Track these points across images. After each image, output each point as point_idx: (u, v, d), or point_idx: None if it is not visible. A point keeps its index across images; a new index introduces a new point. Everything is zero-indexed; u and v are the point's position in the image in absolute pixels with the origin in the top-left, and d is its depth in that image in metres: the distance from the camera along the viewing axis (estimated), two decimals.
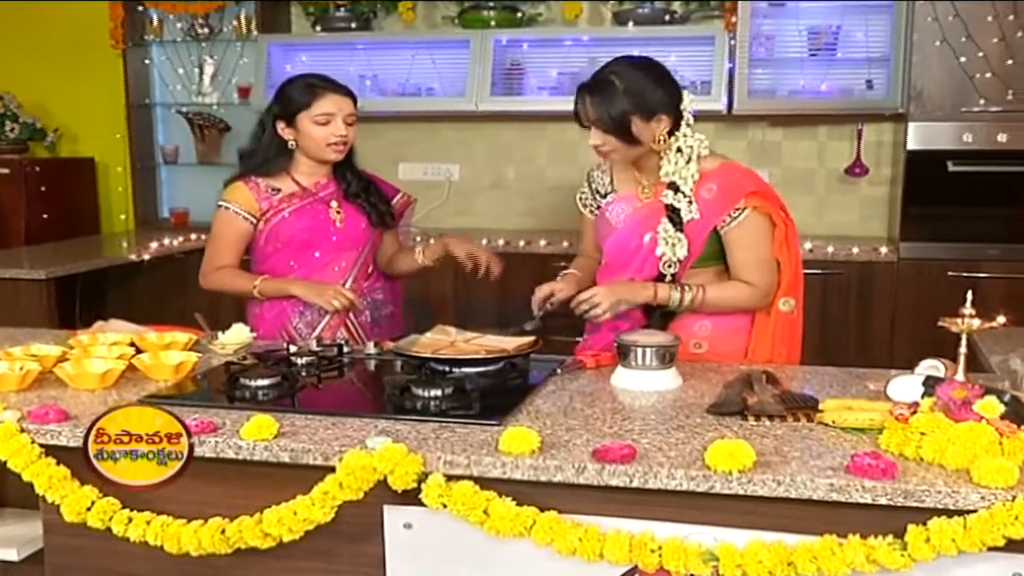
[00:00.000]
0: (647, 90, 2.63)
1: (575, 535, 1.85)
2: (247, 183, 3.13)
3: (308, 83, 3.08)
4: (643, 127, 2.64)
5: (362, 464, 1.89)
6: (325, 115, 3.03)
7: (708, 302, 2.70)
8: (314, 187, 3.15)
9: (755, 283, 2.70)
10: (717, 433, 2.03)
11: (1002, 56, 4.57)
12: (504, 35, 5.34)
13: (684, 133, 2.68)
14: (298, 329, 3.12)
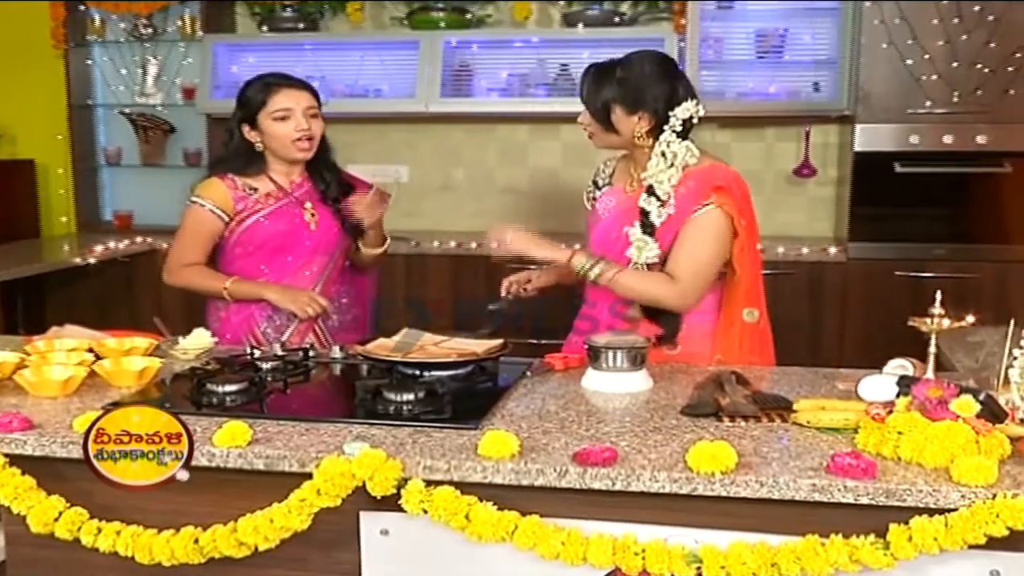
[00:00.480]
0: (642, 85, 2.65)
1: (558, 539, 1.84)
2: (224, 180, 3.07)
3: (264, 82, 3.05)
4: (623, 118, 2.66)
5: (340, 471, 1.86)
6: (282, 110, 2.99)
7: (619, 282, 2.66)
8: (289, 186, 3.10)
9: (680, 279, 2.65)
10: (694, 435, 2.03)
11: (947, 58, 4.65)
12: (454, 36, 5.32)
13: (668, 139, 2.66)
14: (266, 333, 3.06)
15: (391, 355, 2.43)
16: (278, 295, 3.01)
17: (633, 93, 2.63)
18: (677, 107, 2.66)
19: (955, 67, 4.65)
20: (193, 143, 5.68)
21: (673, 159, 2.65)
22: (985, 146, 4.65)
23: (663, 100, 2.65)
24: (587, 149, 5.55)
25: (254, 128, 3.02)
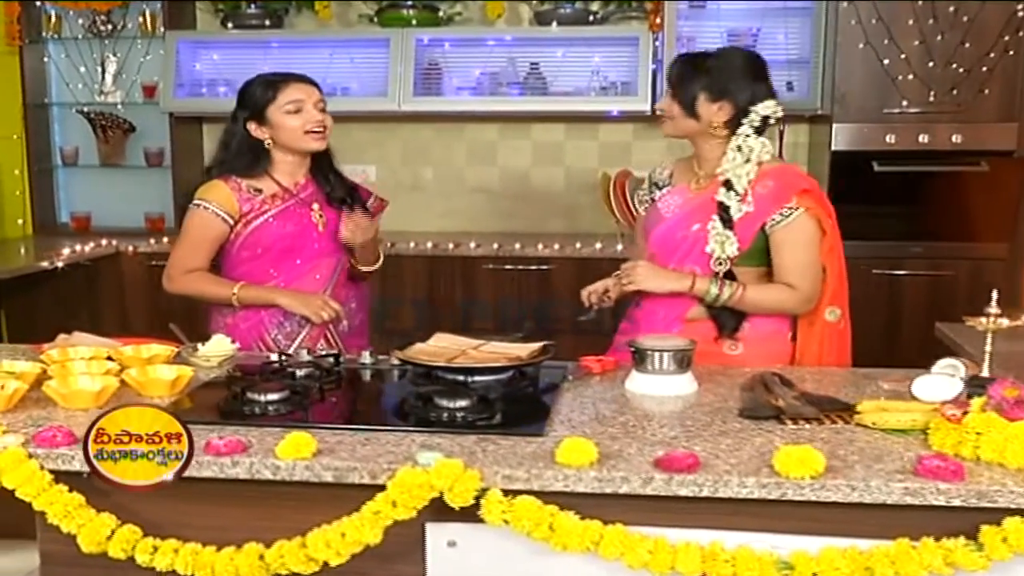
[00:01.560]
0: (729, 76, 2.67)
1: (645, 548, 1.79)
2: (227, 182, 2.97)
3: (267, 79, 2.99)
4: (705, 104, 2.67)
5: (418, 482, 1.79)
6: (294, 102, 2.92)
7: (747, 301, 2.67)
8: (294, 187, 3.01)
9: (798, 287, 2.68)
10: (764, 439, 2.00)
11: (923, 58, 4.71)
12: (426, 34, 5.24)
13: (746, 133, 2.67)
14: (276, 340, 2.97)
15: (434, 360, 2.36)
16: (290, 300, 2.92)
17: (720, 82, 2.65)
18: (759, 104, 2.67)
19: (931, 67, 4.71)
20: (154, 143, 5.53)
21: (749, 154, 2.66)
22: (960, 145, 4.72)
23: (746, 94, 2.66)
24: (557, 148, 5.61)
25: (262, 124, 2.93)
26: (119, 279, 5.16)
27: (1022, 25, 4.64)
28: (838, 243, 2.76)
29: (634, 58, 5.15)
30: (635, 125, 5.50)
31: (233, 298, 2.94)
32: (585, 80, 5.26)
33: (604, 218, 5.46)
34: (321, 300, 2.90)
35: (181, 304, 5.12)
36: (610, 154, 5.55)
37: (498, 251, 4.99)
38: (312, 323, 2.94)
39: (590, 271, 4.98)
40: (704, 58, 2.73)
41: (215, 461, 1.89)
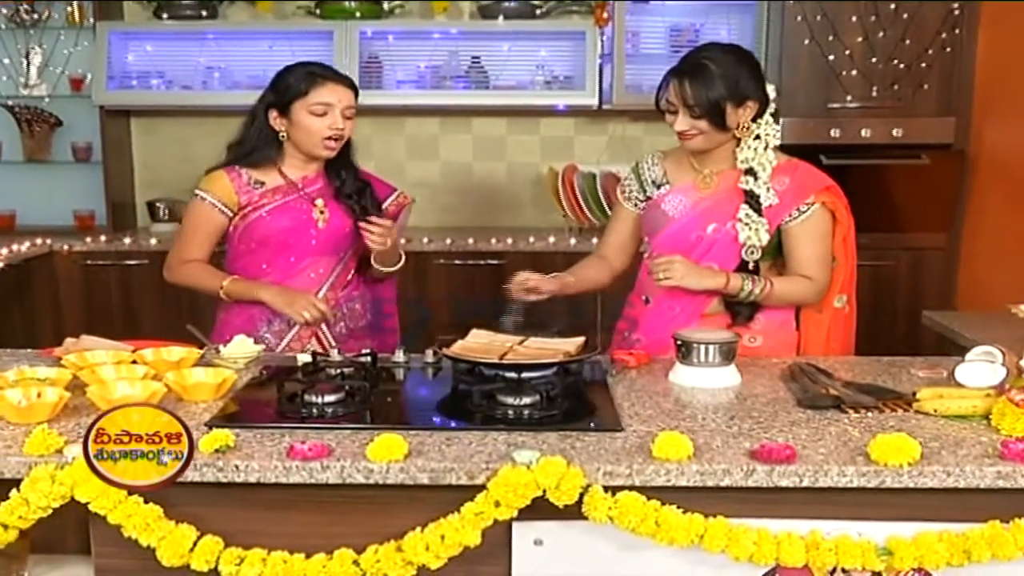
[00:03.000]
0: (741, 76, 2.64)
1: (749, 539, 1.80)
2: (229, 173, 2.89)
3: (308, 71, 2.86)
4: (732, 113, 2.64)
5: (523, 481, 1.77)
6: (322, 105, 2.81)
7: (774, 295, 2.70)
8: (301, 181, 2.92)
9: (815, 278, 2.72)
10: (837, 427, 2.03)
11: (866, 55, 4.83)
12: (370, 27, 5.16)
13: (766, 120, 2.69)
14: (265, 339, 2.88)
15: (486, 356, 2.32)
16: (273, 297, 2.83)
17: (736, 86, 2.62)
18: (769, 88, 2.70)
19: (873, 63, 4.84)
20: (82, 137, 5.32)
21: (767, 140, 2.68)
22: (901, 139, 4.86)
23: (759, 85, 2.67)
24: (499, 142, 5.59)
25: (283, 115, 2.84)
26: (53, 280, 4.95)
27: (958, 23, 4.80)
28: (851, 233, 2.81)
29: (580, 52, 5.16)
30: (577, 119, 5.52)
31: (221, 292, 2.87)
32: (530, 74, 5.25)
33: (547, 212, 5.49)
34: (306, 299, 2.80)
35: (119, 305, 5.00)
36: (552, 148, 5.55)
37: (451, 246, 4.95)
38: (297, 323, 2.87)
39: (543, 265, 4.98)
40: (702, 68, 2.63)
41: (304, 466, 1.83)
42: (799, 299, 2.77)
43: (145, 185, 5.58)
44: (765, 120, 2.70)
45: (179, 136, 5.54)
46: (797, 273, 2.74)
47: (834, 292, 2.80)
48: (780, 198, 2.69)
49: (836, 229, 2.77)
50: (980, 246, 4.83)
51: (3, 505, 1.82)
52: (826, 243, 2.75)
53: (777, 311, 2.78)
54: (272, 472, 1.83)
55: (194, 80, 5.26)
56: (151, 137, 5.57)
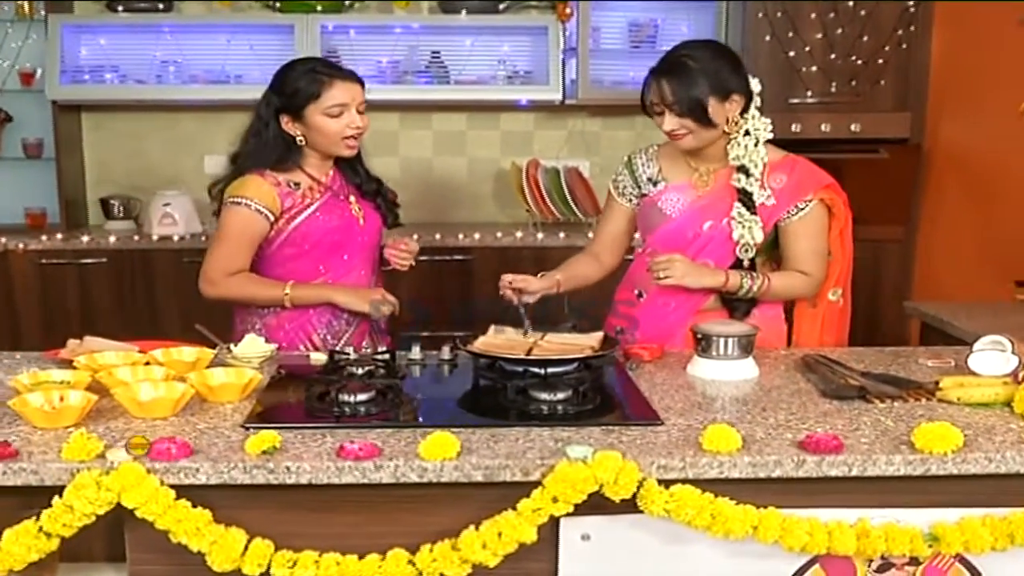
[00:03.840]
0: (722, 71, 2.63)
1: (802, 529, 1.83)
2: (264, 177, 2.79)
3: (311, 69, 2.79)
4: (718, 108, 2.63)
5: (582, 476, 1.77)
6: (338, 106, 2.75)
7: (772, 291, 2.72)
8: (327, 180, 2.88)
9: (811, 273, 2.74)
10: (869, 417, 2.07)
11: (825, 51, 4.92)
12: (331, 21, 5.10)
13: (753, 115, 2.70)
14: (325, 340, 2.84)
15: (512, 352, 2.32)
16: (347, 296, 2.79)
17: (718, 80, 2.61)
18: (753, 81, 2.70)
19: (832, 59, 4.93)
20: (33, 133, 5.17)
21: (757, 135, 2.69)
22: (859, 134, 4.95)
23: (742, 77, 2.67)
24: (459, 137, 5.57)
25: (297, 120, 2.78)
26: (7, 279, 4.82)
27: (914, 20, 4.91)
28: (848, 227, 2.85)
29: (541, 47, 5.17)
30: (537, 114, 5.53)
31: (285, 299, 2.78)
32: (491, 69, 5.24)
33: (508, 207, 5.50)
34: (380, 294, 2.80)
35: (76, 305, 4.88)
36: (512, 143, 5.55)
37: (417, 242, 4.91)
38: (366, 319, 2.85)
39: (511, 260, 5.01)
40: (680, 67, 2.62)
41: (356, 466, 1.81)
42: (796, 294, 2.80)
43: (96, 182, 5.46)
44: (752, 115, 2.71)
45: (131, 131, 5.43)
46: (793, 268, 2.77)
47: (829, 285, 2.83)
48: (778, 196, 2.71)
49: (832, 223, 2.80)
50: (936, 238, 4.94)
51: (46, 513, 1.77)
52: (822, 238, 2.78)
53: (768, 305, 2.80)
54: (324, 473, 1.81)
55: (148, 74, 5.15)
56: (102, 133, 5.44)
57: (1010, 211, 4.32)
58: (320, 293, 2.82)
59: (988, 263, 4.40)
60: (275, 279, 2.83)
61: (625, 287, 2.95)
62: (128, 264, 4.84)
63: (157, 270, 4.84)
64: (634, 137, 5.59)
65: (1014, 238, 4.26)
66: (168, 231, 4.86)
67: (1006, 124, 4.30)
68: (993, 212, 4.46)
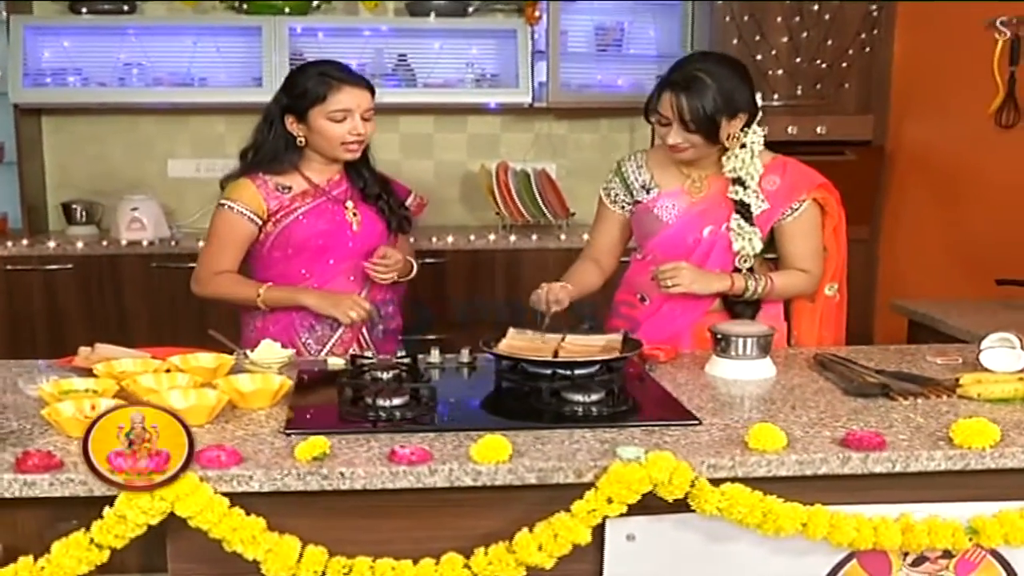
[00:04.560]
0: (736, 89, 2.65)
1: (850, 525, 1.86)
2: (254, 180, 2.81)
3: (322, 73, 2.78)
4: (726, 126, 2.66)
5: (637, 477, 1.78)
6: (342, 111, 2.75)
7: (776, 290, 2.76)
8: (327, 185, 2.87)
9: (811, 271, 2.79)
10: (899, 414, 2.11)
11: (791, 54, 4.99)
12: (299, 23, 5.06)
13: (754, 129, 2.73)
14: (307, 345, 2.84)
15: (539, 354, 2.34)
16: (317, 300, 2.79)
17: (729, 99, 2.63)
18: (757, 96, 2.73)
19: (798, 62, 5.00)
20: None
21: (753, 147, 2.72)
22: (824, 136, 5.03)
23: (750, 95, 2.70)
24: (426, 140, 5.56)
25: (301, 121, 2.77)
26: None
27: (876, 23, 5.00)
28: (842, 223, 2.89)
29: (509, 50, 5.18)
30: (503, 117, 5.53)
31: (258, 300, 2.79)
32: (459, 72, 5.24)
33: (475, 210, 5.51)
34: (351, 300, 2.78)
35: (43, 312, 4.78)
36: (479, 146, 5.55)
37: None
38: (343, 325, 2.82)
39: (483, 263, 5.03)
40: (698, 83, 2.62)
41: (411, 471, 1.80)
42: (797, 292, 2.85)
43: (56, 186, 5.34)
44: (753, 128, 2.74)
45: (92, 135, 5.32)
46: (793, 267, 2.81)
47: (825, 281, 2.88)
48: (772, 198, 2.75)
49: (826, 221, 2.84)
50: (899, 238, 5.04)
51: (97, 524, 1.74)
52: (818, 236, 2.83)
53: (768, 304, 2.84)
54: (378, 478, 1.80)
55: (111, 77, 5.06)
56: (62, 136, 5.33)
57: (973, 210, 4.43)
58: (292, 296, 2.82)
59: (953, 262, 4.51)
60: (267, 281, 2.84)
61: (625, 290, 2.97)
62: (95, 270, 4.75)
63: (125, 276, 4.76)
64: (599, 140, 5.64)
65: (978, 238, 4.37)
66: (137, 236, 4.78)
67: (968, 125, 4.41)
68: (957, 212, 4.57)
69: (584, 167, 5.61)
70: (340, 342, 2.87)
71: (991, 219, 4.30)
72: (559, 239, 4.94)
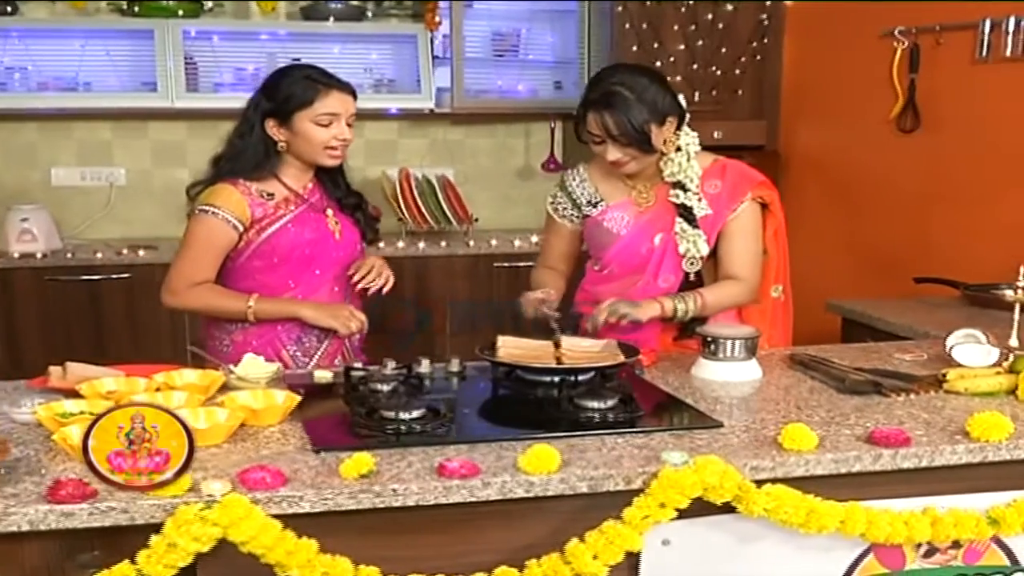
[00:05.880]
0: (657, 96, 2.66)
1: (885, 520, 1.91)
2: (236, 186, 2.68)
3: (307, 76, 2.69)
4: (657, 133, 2.66)
5: (689, 482, 1.79)
6: (329, 115, 2.67)
7: (708, 306, 2.72)
8: (304, 192, 2.77)
9: (745, 278, 2.78)
10: (903, 411, 2.19)
11: (687, 61, 5.10)
12: (193, 26, 4.90)
13: (685, 131, 2.75)
14: (295, 357, 2.74)
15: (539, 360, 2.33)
16: (316, 312, 2.71)
17: (655, 106, 2.65)
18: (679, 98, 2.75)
19: (695, 69, 5.11)
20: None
21: (688, 149, 2.75)
22: (721, 140, 5.13)
23: (672, 97, 2.72)
24: None
25: (283, 126, 2.68)
26: None
27: (767, 32, 5.16)
28: (783, 225, 2.93)
29: (409, 55, 5.14)
30: (400, 123, 5.48)
31: (249, 312, 2.68)
32: (358, 77, 5.15)
33: None
34: (348, 310, 2.72)
35: None
36: (376, 152, 5.48)
37: None
38: (335, 335, 2.75)
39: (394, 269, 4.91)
40: (618, 98, 2.61)
41: (464, 485, 1.77)
42: (733, 302, 2.82)
43: None
44: (684, 130, 2.77)
45: None
46: (727, 272, 2.79)
47: (769, 283, 2.92)
48: (716, 202, 2.76)
49: (768, 221, 2.87)
50: (798, 240, 5.19)
51: (144, 553, 1.64)
52: (757, 239, 2.83)
53: None
54: (431, 493, 1.76)
55: None
56: None
57: (870, 212, 4.62)
58: (286, 308, 2.73)
59: (855, 262, 4.69)
60: (244, 291, 2.73)
61: (583, 297, 2.96)
62: None
63: (17, 290, 4.51)
64: (496, 145, 5.65)
65: (876, 238, 4.56)
66: (28, 248, 4.52)
67: (860, 130, 4.61)
68: (853, 213, 4.75)
69: (480, 173, 5.61)
70: (326, 353, 2.79)
71: (888, 220, 4.49)
72: (468, 245, 4.92)
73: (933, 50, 4.24)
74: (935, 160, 4.28)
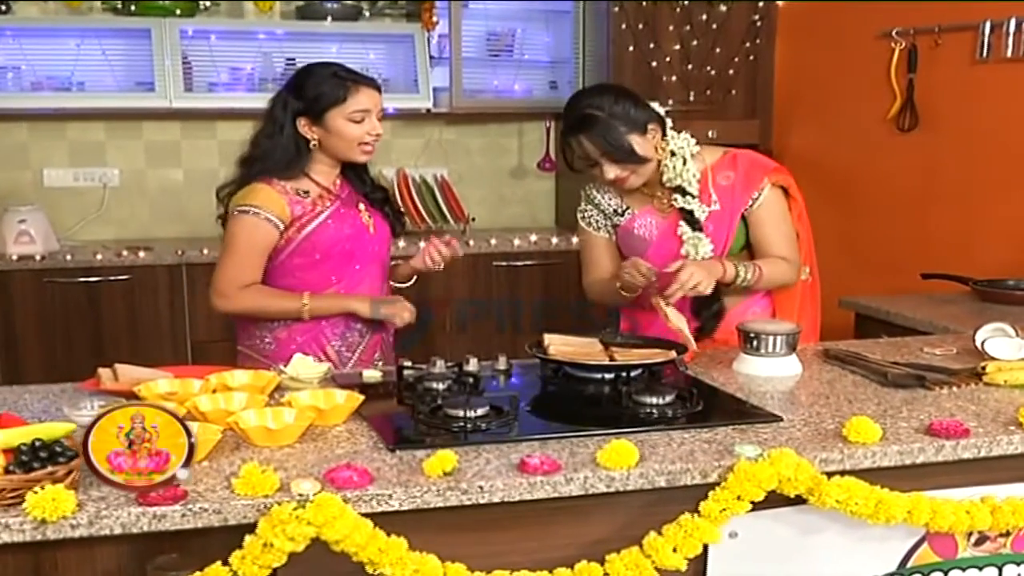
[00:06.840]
0: (627, 108, 2.69)
1: (949, 510, 1.96)
2: (272, 185, 2.68)
3: (335, 74, 2.69)
4: (643, 143, 2.69)
5: (766, 475, 1.83)
6: (361, 111, 2.67)
7: (764, 278, 2.78)
8: (335, 188, 2.78)
9: (789, 257, 2.84)
10: (952, 403, 2.24)
11: (683, 61, 5.16)
12: (190, 25, 4.87)
13: (671, 135, 2.79)
14: (340, 352, 2.75)
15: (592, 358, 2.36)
16: (368, 305, 2.72)
17: (628, 118, 2.68)
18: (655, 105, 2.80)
19: (689, 69, 5.17)
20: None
21: (683, 153, 2.78)
22: (715, 140, 5.17)
23: (647, 107, 2.76)
24: None
25: (316, 124, 2.68)
26: None
27: (759, 33, 5.23)
28: (804, 208, 2.96)
29: (406, 55, 5.15)
30: (395, 123, 5.48)
31: (304, 310, 2.68)
32: None
33: None
34: (401, 303, 2.74)
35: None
36: None
37: None
38: (376, 331, 2.78)
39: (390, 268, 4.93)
40: (590, 120, 2.65)
41: (547, 480, 1.79)
42: (784, 280, 2.87)
43: None
44: (671, 135, 2.80)
45: None
46: (769, 255, 2.84)
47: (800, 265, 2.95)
48: (730, 192, 2.80)
49: (791, 205, 2.90)
50: None
51: (237, 554, 1.65)
52: (788, 222, 2.87)
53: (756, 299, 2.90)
54: (516, 490, 1.78)
55: None
56: None
57: (864, 209, 4.70)
58: (339, 303, 2.74)
59: (848, 260, 4.75)
60: (285, 289, 2.74)
61: None
62: None
63: (15, 292, 4.47)
64: (488, 144, 5.67)
65: (873, 236, 4.64)
66: (26, 250, 4.48)
67: (855, 129, 4.69)
68: (848, 211, 4.83)
69: (473, 172, 5.63)
70: (367, 347, 2.81)
71: (885, 219, 4.57)
72: (468, 244, 4.93)
73: (932, 50, 4.32)
74: (933, 159, 4.37)
